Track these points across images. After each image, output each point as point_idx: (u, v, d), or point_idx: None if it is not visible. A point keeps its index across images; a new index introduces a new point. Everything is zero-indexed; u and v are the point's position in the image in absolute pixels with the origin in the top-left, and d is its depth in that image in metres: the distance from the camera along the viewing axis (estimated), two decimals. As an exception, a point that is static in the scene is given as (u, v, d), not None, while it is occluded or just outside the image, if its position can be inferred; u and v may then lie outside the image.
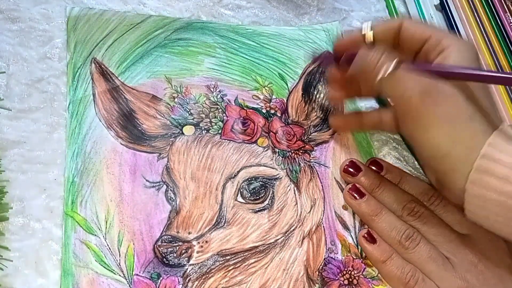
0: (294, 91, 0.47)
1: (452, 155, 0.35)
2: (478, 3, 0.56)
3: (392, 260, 0.38)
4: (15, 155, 0.37)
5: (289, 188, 0.42)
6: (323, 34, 0.51)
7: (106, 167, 0.39)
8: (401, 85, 0.36)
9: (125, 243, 0.36)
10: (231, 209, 0.39)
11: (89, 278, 0.34)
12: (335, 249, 0.40)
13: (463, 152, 0.34)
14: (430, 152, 0.36)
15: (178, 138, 0.41)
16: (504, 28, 0.54)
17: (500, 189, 0.33)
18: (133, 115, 0.41)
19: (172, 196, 0.39)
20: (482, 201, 0.34)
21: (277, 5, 0.52)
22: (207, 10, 0.49)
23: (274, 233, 0.39)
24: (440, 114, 0.35)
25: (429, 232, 0.39)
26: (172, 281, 0.36)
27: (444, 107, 0.35)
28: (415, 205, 0.40)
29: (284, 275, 0.38)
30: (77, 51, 0.43)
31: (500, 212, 0.33)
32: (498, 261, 0.38)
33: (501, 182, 0.32)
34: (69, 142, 0.39)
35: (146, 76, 0.43)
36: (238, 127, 0.43)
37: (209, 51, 0.46)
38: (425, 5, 0.55)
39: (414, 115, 0.36)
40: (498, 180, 0.33)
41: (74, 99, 0.41)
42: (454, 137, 0.35)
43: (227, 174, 0.40)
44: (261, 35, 0.49)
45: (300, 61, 0.48)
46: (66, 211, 0.36)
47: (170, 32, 0.46)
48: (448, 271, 0.37)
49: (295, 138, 0.44)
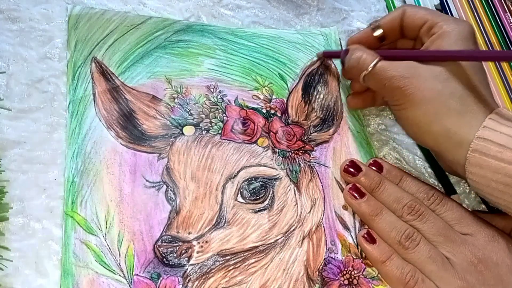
0: (294, 91, 0.47)
1: (436, 130, 0.39)
2: (478, 3, 0.56)
3: (391, 260, 0.38)
4: (15, 155, 0.37)
5: (289, 188, 0.42)
6: (321, 39, 0.51)
7: (106, 167, 0.39)
8: (381, 78, 0.40)
9: (125, 243, 0.36)
10: (231, 209, 0.39)
11: (89, 278, 0.34)
12: (335, 249, 0.40)
13: (453, 127, 0.38)
14: (419, 130, 0.40)
15: (178, 138, 0.41)
16: (504, 28, 0.54)
17: (500, 156, 0.35)
18: (133, 115, 0.41)
19: (172, 196, 0.39)
20: (483, 168, 0.36)
21: (277, 5, 0.52)
22: (207, 10, 0.49)
23: (274, 233, 0.39)
24: (417, 94, 0.39)
25: (429, 232, 0.39)
26: (172, 281, 0.36)
27: (422, 88, 0.39)
28: (415, 205, 0.40)
29: (284, 275, 0.38)
30: (78, 50, 0.42)
31: (500, 179, 0.35)
32: (498, 262, 0.38)
33: (501, 149, 0.35)
34: (69, 142, 0.39)
35: (146, 76, 0.43)
36: (238, 127, 0.43)
37: (209, 53, 0.46)
38: (425, 5, 0.55)
39: (399, 99, 0.40)
40: (499, 147, 0.35)
41: (74, 99, 0.41)
42: (435, 114, 0.38)
43: (227, 174, 0.40)
44: (261, 37, 0.49)
45: (300, 62, 0.48)
46: (66, 211, 0.36)
47: (170, 34, 0.46)
48: (448, 271, 0.37)
49: (295, 138, 0.44)
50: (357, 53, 0.42)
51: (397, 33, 0.45)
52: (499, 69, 0.52)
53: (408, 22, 0.44)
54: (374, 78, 0.41)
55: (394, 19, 0.44)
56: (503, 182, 0.35)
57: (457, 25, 0.41)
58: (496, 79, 0.51)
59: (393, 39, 0.46)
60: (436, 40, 0.41)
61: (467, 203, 0.46)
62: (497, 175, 0.36)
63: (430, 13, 0.43)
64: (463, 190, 0.46)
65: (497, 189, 0.36)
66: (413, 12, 0.43)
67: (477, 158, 0.36)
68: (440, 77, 0.39)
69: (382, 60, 0.41)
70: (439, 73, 0.39)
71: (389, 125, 0.48)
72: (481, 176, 0.37)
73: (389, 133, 0.48)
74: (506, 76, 0.52)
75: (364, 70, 0.41)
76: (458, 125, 0.38)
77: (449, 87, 0.38)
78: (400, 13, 0.44)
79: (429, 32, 0.42)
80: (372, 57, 0.41)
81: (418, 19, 0.43)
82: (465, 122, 0.38)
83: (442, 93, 0.38)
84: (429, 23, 0.42)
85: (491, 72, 0.52)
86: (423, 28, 0.42)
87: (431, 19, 0.42)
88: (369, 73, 0.41)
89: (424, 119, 0.39)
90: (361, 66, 0.42)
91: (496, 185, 0.36)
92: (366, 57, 0.41)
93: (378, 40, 0.45)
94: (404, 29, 0.44)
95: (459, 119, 0.38)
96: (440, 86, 0.38)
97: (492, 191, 0.37)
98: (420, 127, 0.40)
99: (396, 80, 0.39)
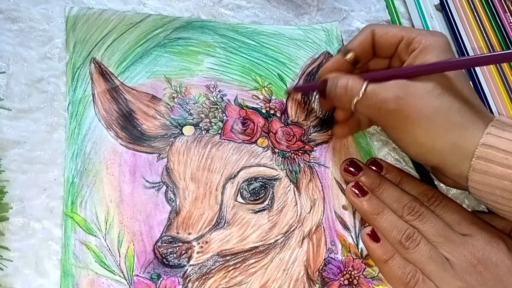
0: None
1: (440, 147, 0.37)
2: (478, 3, 0.56)
3: (394, 260, 0.38)
4: (15, 155, 0.37)
5: (289, 189, 0.42)
6: (322, 34, 0.50)
7: (105, 167, 0.38)
8: (375, 102, 0.39)
9: (125, 244, 0.36)
10: (231, 209, 0.39)
11: (89, 279, 0.34)
12: (335, 249, 0.40)
13: (459, 141, 0.37)
14: (422, 149, 0.39)
15: (178, 138, 0.41)
16: (504, 28, 0.54)
17: (505, 162, 0.35)
18: (132, 116, 0.41)
19: (172, 196, 0.39)
20: (488, 175, 0.36)
21: (277, 5, 0.52)
22: (207, 10, 0.49)
23: (274, 234, 0.39)
24: (416, 112, 0.37)
25: (429, 232, 0.39)
26: (172, 282, 0.36)
27: (419, 106, 0.37)
28: (415, 205, 0.40)
29: (284, 276, 0.38)
30: (77, 51, 0.42)
31: (506, 186, 0.35)
32: (497, 262, 0.38)
33: (506, 155, 0.35)
34: (69, 142, 0.39)
35: (145, 76, 0.43)
36: (238, 127, 0.43)
37: (208, 51, 0.46)
38: (425, 5, 0.55)
39: (394, 122, 0.39)
40: (504, 153, 0.35)
41: (73, 100, 0.40)
42: (438, 131, 0.37)
43: (227, 175, 0.40)
44: (261, 34, 0.49)
45: (300, 61, 0.48)
46: (66, 211, 0.36)
47: (170, 31, 0.46)
48: (448, 272, 0.38)
49: (294, 138, 0.44)
50: (341, 80, 0.40)
51: (370, 54, 0.43)
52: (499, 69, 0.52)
53: (381, 42, 0.42)
54: (367, 103, 0.39)
55: (364, 40, 0.42)
56: (509, 189, 0.35)
57: (435, 37, 0.40)
58: (496, 79, 0.51)
59: (366, 61, 0.44)
60: (419, 55, 0.39)
61: (467, 203, 0.46)
62: (502, 181, 0.35)
63: (401, 29, 0.42)
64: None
65: (501, 196, 0.36)
66: (384, 31, 0.42)
67: (482, 165, 0.36)
68: (434, 92, 0.37)
69: (370, 84, 0.39)
70: (432, 88, 0.38)
71: (389, 125, 0.48)
72: (485, 184, 0.36)
73: (389, 133, 0.48)
74: (506, 76, 0.52)
75: (355, 97, 0.39)
76: (463, 138, 0.37)
77: (445, 101, 0.37)
78: (369, 34, 0.42)
79: (408, 49, 0.41)
80: (360, 81, 0.39)
81: (391, 38, 0.41)
82: (469, 135, 0.37)
83: (440, 108, 0.37)
84: (406, 39, 0.41)
85: (491, 72, 0.52)
86: (400, 45, 0.41)
87: (406, 35, 0.41)
88: (361, 99, 0.39)
89: (427, 138, 0.38)
90: (350, 93, 0.39)
91: (501, 192, 0.36)
92: (353, 83, 0.39)
93: (351, 64, 0.43)
94: (377, 49, 0.43)
95: (463, 132, 0.37)
96: (437, 101, 0.37)
97: (496, 198, 0.36)
98: (424, 147, 0.38)
99: (391, 102, 0.38)
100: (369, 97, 0.39)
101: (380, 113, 0.39)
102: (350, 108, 0.40)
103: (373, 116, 0.40)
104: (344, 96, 0.40)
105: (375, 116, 0.40)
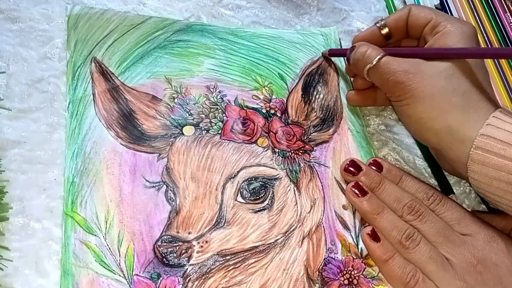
0: (294, 91, 0.47)
1: (438, 127, 0.39)
2: (478, 3, 0.56)
3: (394, 260, 0.38)
4: (15, 155, 0.37)
5: (289, 188, 0.42)
6: (321, 38, 0.51)
7: (106, 167, 0.39)
8: (385, 72, 0.41)
9: (125, 243, 0.36)
10: (231, 209, 0.39)
11: (89, 279, 0.34)
12: (335, 249, 0.40)
13: (456, 123, 0.38)
14: (421, 126, 0.40)
15: (178, 138, 0.41)
16: (504, 28, 0.54)
17: (503, 153, 0.35)
18: (133, 116, 0.41)
19: (172, 196, 0.39)
20: (486, 166, 0.36)
21: (277, 5, 0.52)
22: (207, 10, 0.49)
23: (274, 233, 0.39)
24: (420, 89, 0.39)
25: (429, 232, 0.39)
26: (172, 281, 0.36)
27: (425, 83, 0.39)
28: (415, 205, 0.40)
29: (284, 275, 0.38)
30: (77, 49, 0.42)
31: (503, 177, 0.35)
32: (497, 262, 0.38)
33: (505, 146, 0.35)
34: (69, 142, 0.39)
35: (146, 76, 0.43)
36: (238, 127, 0.43)
37: (208, 53, 0.46)
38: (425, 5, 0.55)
39: (400, 95, 0.40)
40: (503, 144, 0.35)
41: (74, 99, 0.41)
42: (438, 110, 0.38)
43: (227, 174, 0.40)
44: (260, 37, 0.49)
45: (299, 62, 0.48)
46: (66, 211, 0.36)
47: (170, 34, 0.46)
48: (447, 271, 0.38)
49: (295, 138, 0.44)
50: (362, 48, 0.43)
51: (403, 32, 0.45)
52: (499, 68, 0.52)
53: (412, 21, 0.44)
54: (378, 72, 0.41)
55: (400, 17, 0.45)
56: (506, 180, 0.35)
57: (461, 25, 0.41)
58: (496, 79, 0.51)
59: (399, 38, 0.46)
60: (439, 38, 0.41)
61: (467, 203, 0.46)
62: (499, 172, 0.36)
63: (434, 12, 0.43)
64: (463, 190, 0.46)
65: (499, 188, 0.36)
66: (417, 11, 0.44)
67: (480, 155, 0.36)
68: (444, 73, 0.39)
69: (387, 56, 0.41)
70: (444, 69, 0.39)
71: (389, 125, 0.48)
72: (483, 174, 0.37)
73: (389, 134, 0.48)
74: (506, 75, 0.52)
75: (369, 63, 0.42)
76: (461, 121, 0.38)
77: (453, 83, 0.39)
78: (406, 12, 0.44)
79: (432, 31, 0.42)
80: (377, 52, 0.42)
81: (422, 18, 0.43)
82: (468, 119, 0.37)
83: (446, 89, 0.38)
84: (433, 22, 0.42)
85: (491, 71, 0.52)
86: (427, 27, 0.43)
87: (435, 18, 0.42)
88: (373, 67, 0.41)
89: (427, 115, 0.39)
90: (366, 60, 0.42)
91: (498, 183, 0.36)
92: (371, 51, 0.42)
93: (384, 38, 0.45)
94: (409, 28, 0.45)
95: (462, 115, 0.38)
96: (444, 82, 0.39)
97: (494, 190, 0.37)
98: (423, 124, 0.40)
99: (400, 75, 0.40)
100: (381, 66, 0.41)
101: (389, 83, 0.41)
102: (364, 74, 0.42)
103: (382, 86, 0.42)
104: (360, 61, 0.43)
105: (383, 85, 0.42)
